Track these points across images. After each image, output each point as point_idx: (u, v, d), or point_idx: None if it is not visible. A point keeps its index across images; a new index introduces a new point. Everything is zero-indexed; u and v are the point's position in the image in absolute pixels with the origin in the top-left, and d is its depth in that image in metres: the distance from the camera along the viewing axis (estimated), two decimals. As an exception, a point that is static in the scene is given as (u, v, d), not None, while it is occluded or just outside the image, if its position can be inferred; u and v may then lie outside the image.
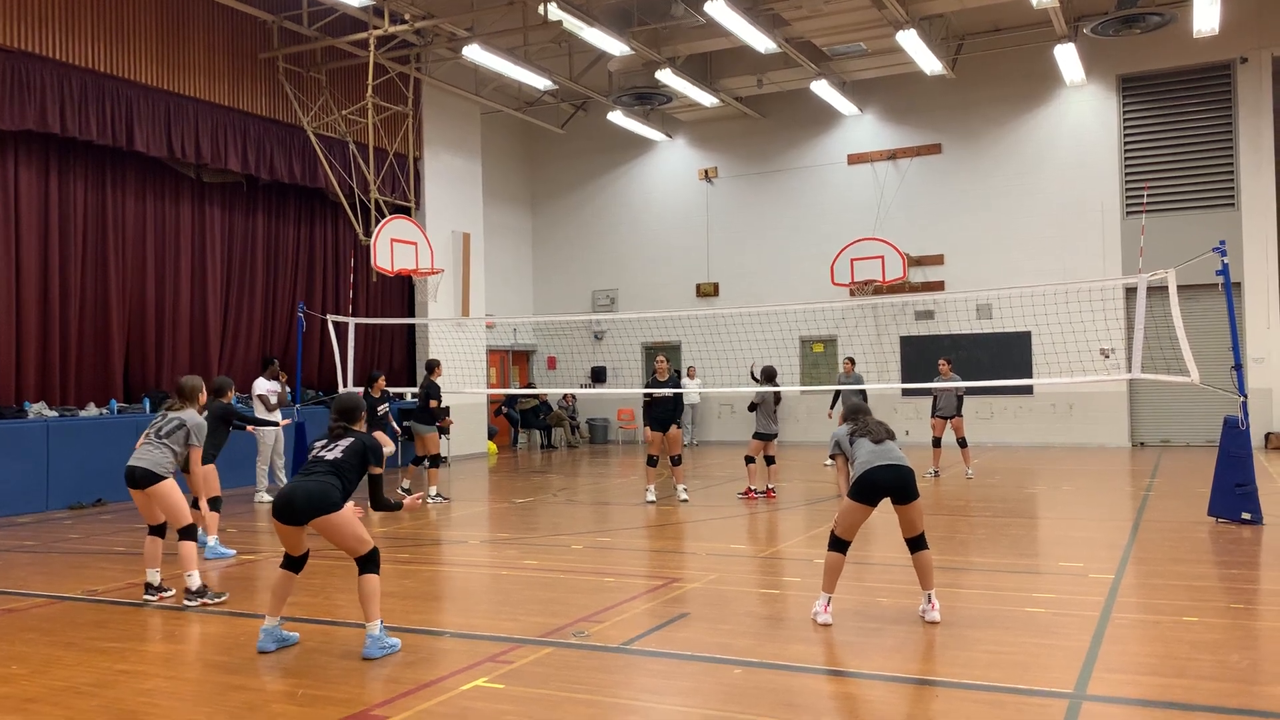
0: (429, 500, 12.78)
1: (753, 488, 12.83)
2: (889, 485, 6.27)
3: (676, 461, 12.54)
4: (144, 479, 7.30)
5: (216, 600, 7.27)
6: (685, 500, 12.39)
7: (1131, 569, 7.93)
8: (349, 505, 5.89)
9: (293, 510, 5.74)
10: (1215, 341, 15.67)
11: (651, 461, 12.62)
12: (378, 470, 6.10)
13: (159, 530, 7.53)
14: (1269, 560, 8.37)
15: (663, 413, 12.34)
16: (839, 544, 6.44)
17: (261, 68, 17.17)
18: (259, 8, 16.56)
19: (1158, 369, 11.83)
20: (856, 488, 6.33)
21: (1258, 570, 8.08)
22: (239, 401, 12.45)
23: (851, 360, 17.45)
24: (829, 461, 6.86)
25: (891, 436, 6.55)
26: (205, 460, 9.38)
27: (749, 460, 12.98)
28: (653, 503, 12.36)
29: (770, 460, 12.94)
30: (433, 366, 13.85)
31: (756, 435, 12.92)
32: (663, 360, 12.70)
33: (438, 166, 20.76)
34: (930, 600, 6.33)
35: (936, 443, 14.96)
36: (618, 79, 21.06)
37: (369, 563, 5.83)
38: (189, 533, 7.37)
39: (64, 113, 13.97)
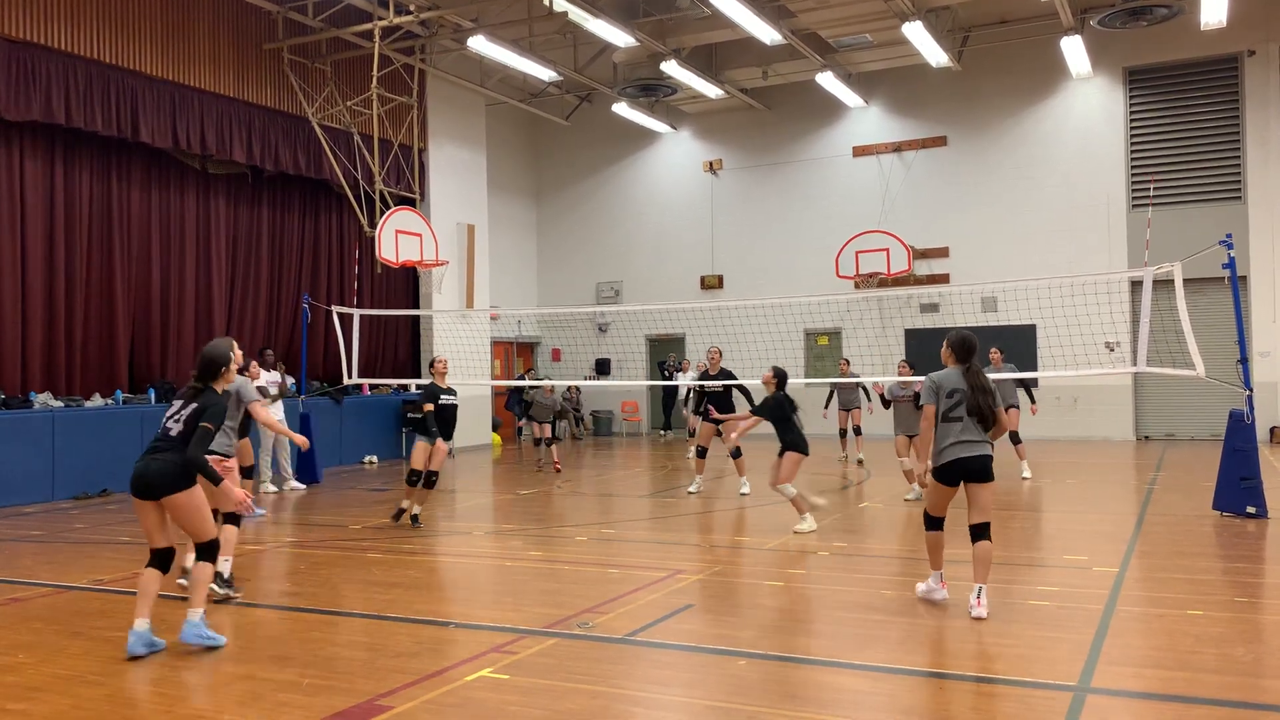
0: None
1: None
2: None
3: (735, 454, 12.34)
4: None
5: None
6: (745, 494, 12.16)
7: (1136, 562, 7.93)
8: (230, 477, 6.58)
9: (146, 487, 5.78)
10: (1221, 335, 15.63)
11: (701, 453, 12.56)
12: (206, 425, 5.86)
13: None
14: (1273, 554, 8.37)
15: (714, 403, 12.28)
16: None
17: (266, 59, 17.16)
18: (264, -2, 16.56)
19: (1163, 362, 11.80)
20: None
21: (1262, 564, 8.07)
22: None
23: (846, 360, 17.01)
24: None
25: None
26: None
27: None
28: (693, 493, 12.27)
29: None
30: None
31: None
32: (715, 351, 12.60)
33: (442, 158, 20.74)
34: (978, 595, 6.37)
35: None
36: (623, 70, 21.01)
37: (206, 551, 5.89)
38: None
39: (69, 104, 13.97)
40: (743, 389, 12.86)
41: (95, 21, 14.38)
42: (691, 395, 16.66)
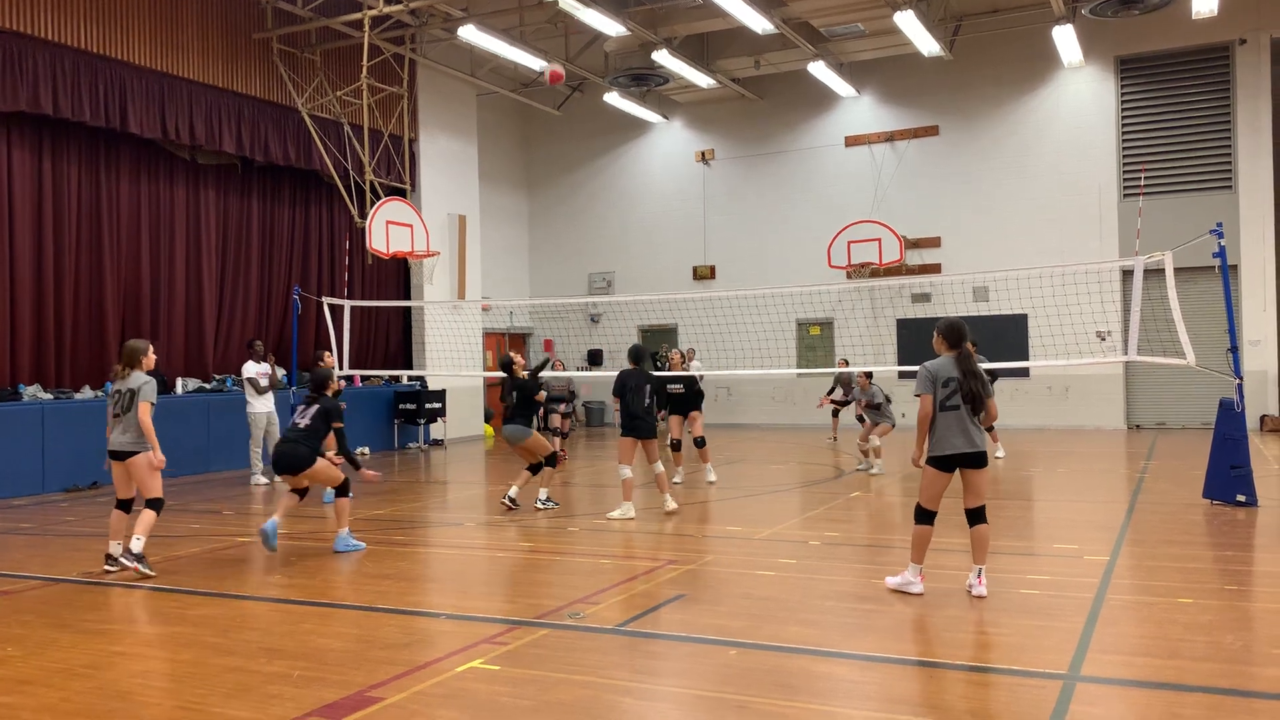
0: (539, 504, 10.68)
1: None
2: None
3: (700, 444, 12.74)
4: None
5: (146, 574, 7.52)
6: (713, 482, 12.50)
7: (1126, 551, 7.95)
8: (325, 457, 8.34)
9: (286, 467, 8.21)
10: (1211, 324, 15.69)
11: (675, 446, 12.94)
12: (338, 424, 8.30)
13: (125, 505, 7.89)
14: (1263, 542, 8.40)
15: (682, 399, 12.92)
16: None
17: (255, 48, 17.06)
18: (253, -12, 16.46)
19: (1154, 351, 11.83)
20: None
21: (1252, 552, 8.10)
22: (232, 384, 12.48)
23: (846, 361, 18.66)
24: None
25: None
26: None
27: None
28: (678, 483, 12.37)
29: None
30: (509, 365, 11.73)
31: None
32: (676, 353, 13.46)
33: (433, 148, 20.67)
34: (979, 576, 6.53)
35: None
36: (614, 60, 20.95)
37: (341, 489, 8.43)
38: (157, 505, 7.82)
39: (57, 94, 13.87)
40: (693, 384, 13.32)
41: (83, 11, 14.27)
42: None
